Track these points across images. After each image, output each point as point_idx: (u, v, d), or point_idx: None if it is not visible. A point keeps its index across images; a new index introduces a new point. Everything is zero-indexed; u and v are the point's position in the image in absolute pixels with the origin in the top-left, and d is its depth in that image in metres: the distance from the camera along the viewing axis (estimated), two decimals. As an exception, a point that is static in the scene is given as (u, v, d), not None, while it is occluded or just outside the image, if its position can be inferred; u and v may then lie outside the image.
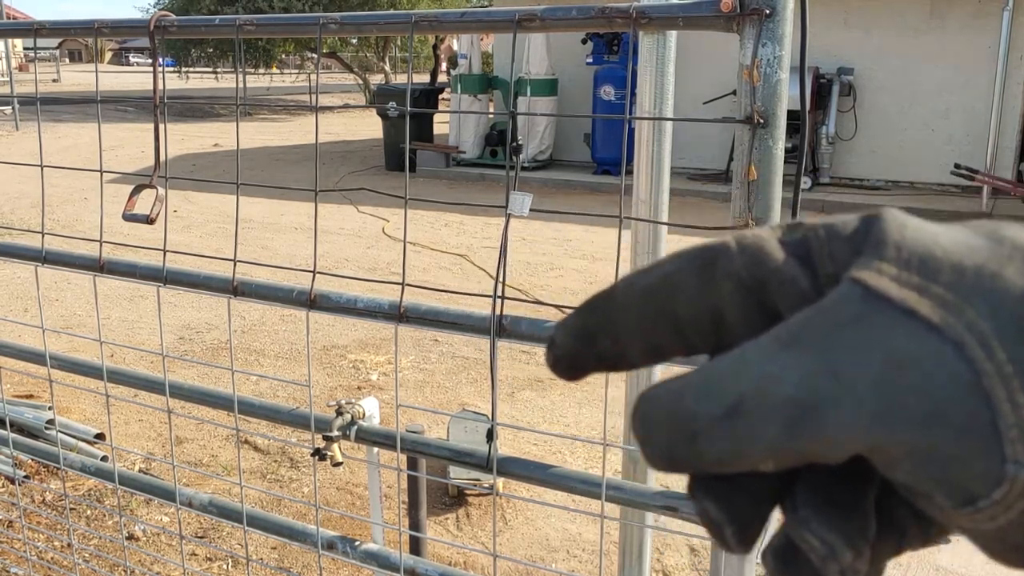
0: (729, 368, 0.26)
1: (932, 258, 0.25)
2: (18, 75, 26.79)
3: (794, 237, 0.28)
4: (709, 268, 0.28)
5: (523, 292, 6.39)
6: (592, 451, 3.89)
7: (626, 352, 0.30)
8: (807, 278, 0.27)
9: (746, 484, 0.28)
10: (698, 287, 0.28)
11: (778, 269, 0.27)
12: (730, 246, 0.28)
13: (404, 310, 1.25)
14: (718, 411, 0.25)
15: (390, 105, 11.48)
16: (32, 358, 1.75)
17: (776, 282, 0.27)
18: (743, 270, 0.28)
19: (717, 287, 0.28)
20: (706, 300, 0.28)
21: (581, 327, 0.30)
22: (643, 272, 0.30)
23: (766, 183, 1.01)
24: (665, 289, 0.29)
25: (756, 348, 0.26)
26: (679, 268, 0.29)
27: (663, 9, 1.05)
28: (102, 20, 1.44)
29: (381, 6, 21.98)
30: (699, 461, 0.26)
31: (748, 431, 0.25)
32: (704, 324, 0.29)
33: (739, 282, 0.28)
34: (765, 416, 0.25)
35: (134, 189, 1.41)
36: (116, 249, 1.54)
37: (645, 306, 0.29)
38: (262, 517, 1.57)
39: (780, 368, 0.25)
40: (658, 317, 0.29)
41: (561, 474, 1.25)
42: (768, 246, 0.28)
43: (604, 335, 0.30)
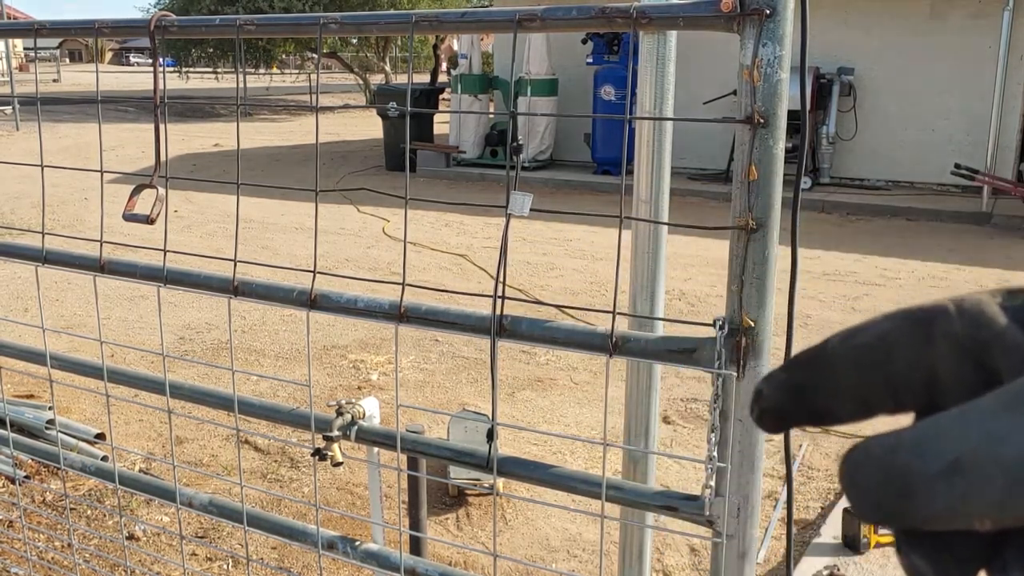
0: (950, 427, 0.26)
1: None
2: (18, 75, 26.79)
3: (1015, 303, 0.28)
4: (927, 328, 0.29)
5: (523, 292, 6.39)
6: (592, 451, 3.89)
7: (835, 408, 0.31)
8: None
9: (956, 542, 0.28)
10: (915, 347, 0.29)
11: (1002, 334, 0.28)
12: (949, 308, 0.29)
13: (404, 310, 1.25)
14: (936, 468, 0.26)
15: (390, 105, 11.48)
16: (32, 358, 1.75)
17: (998, 346, 0.28)
18: (962, 332, 0.28)
19: (935, 348, 0.28)
20: (922, 360, 0.29)
21: (791, 382, 0.31)
22: (856, 330, 0.30)
23: (766, 183, 1.01)
24: (881, 347, 0.29)
25: (978, 409, 0.26)
26: (895, 327, 0.29)
27: (663, 9, 1.05)
28: (102, 20, 1.44)
29: (381, 6, 21.98)
30: (913, 517, 0.26)
31: (968, 490, 0.25)
32: (917, 384, 0.29)
33: (958, 344, 0.28)
34: (988, 475, 0.25)
35: (134, 189, 1.41)
36: (116, 249, 1.54)
37: (859, 364, 0.30)
38: (262, 517, 1.57)
39: (1005, 429, 0.25)
40: (872, 375, 0.29)
41: (561, 474, 1.25)
42: (989, 310, 0.28)
43: (815, 391, 0.30)
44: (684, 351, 1.10)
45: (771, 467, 3.60)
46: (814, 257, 7.50)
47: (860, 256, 7.73)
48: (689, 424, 4.27)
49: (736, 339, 1.06)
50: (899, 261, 7.56)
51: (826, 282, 6.82)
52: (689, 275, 6.92)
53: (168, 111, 1.58)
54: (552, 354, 5.09)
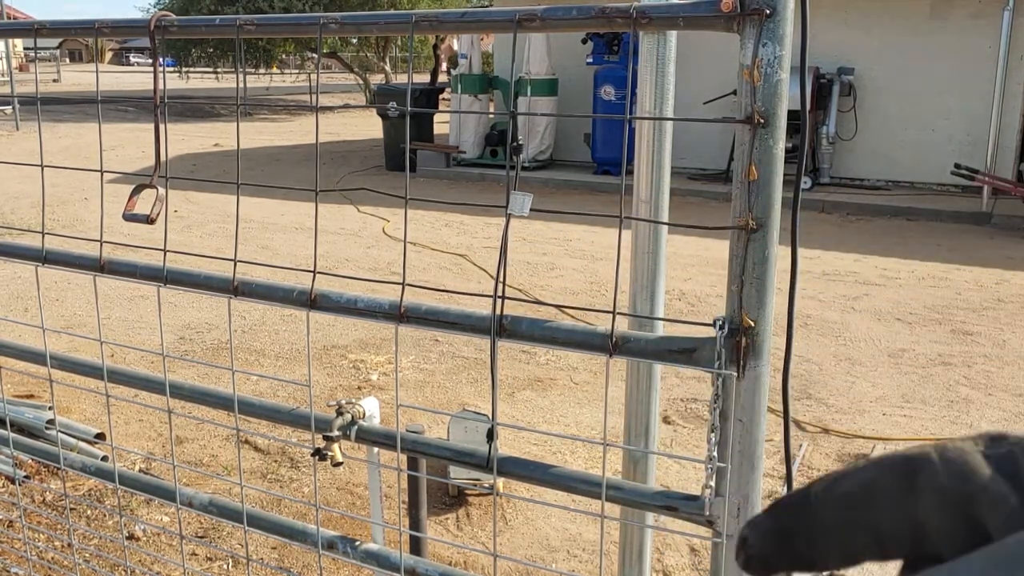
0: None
1: None
2: (18, 75, 26.79)
3: (998, 452, 0.28)
4: (911, 479, 0.28)
5: (523, 292, 6.39)
6: (592, 451, 3.89)
7: (821, 555, 0.30)
8: (1017, 497, 0.27)
9: None
10: (900, 498, 0.29)
11: (985, 487, 0.28)
12: (932, 458, 0.28)
13: (404, 310, 1.25)
14: None
15: (390, 105, 11.48)
16: (32, 358, 1.75)
17: (984, 499, 0.27)
18: (948, 484, 0.28)
19: (919, 499, 0.28)
20: (908, 511, 0.29)
21: (775, 529, 0.31)
22: (840, 476, 0.30)
23: (766, 183, 1.01)
24: (865, 497, 0.29)
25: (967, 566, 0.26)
26: (879, 476, 0.29)
27: (663, 9, 1.05)
28: (102, 20, 1.44)
29: (381, 6, 21.98)
30: None
31: None
32: (903, 533, 0.29)
33: (944, 496, 0.28)
34: None
35: (134, 189, 1.41)
36: (116, 249, 1.54)
37: (844, 513, 0.30)
38: (262, 517, 1.57)
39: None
40: (857, 524, 0.29)
41: (561, 474, 1.25)
42: (972, 460, 0.28)
43: (800, 538, 0.30)
44: (684, 351, 1.10)
45: (771, 467, 3.60)
46: (814, 257, 7.50)
47: (860, 256, 7.73)
48: (689, 424, 4.27)
49: (736, 339, 1.06)
50: (899, 261, 7.56)
51: (826, 282, 6.82)
52: (689, 275, 6.92)
53: (168, 111, 1.58)
54: (552, 354, 5.09)
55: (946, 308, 6.15)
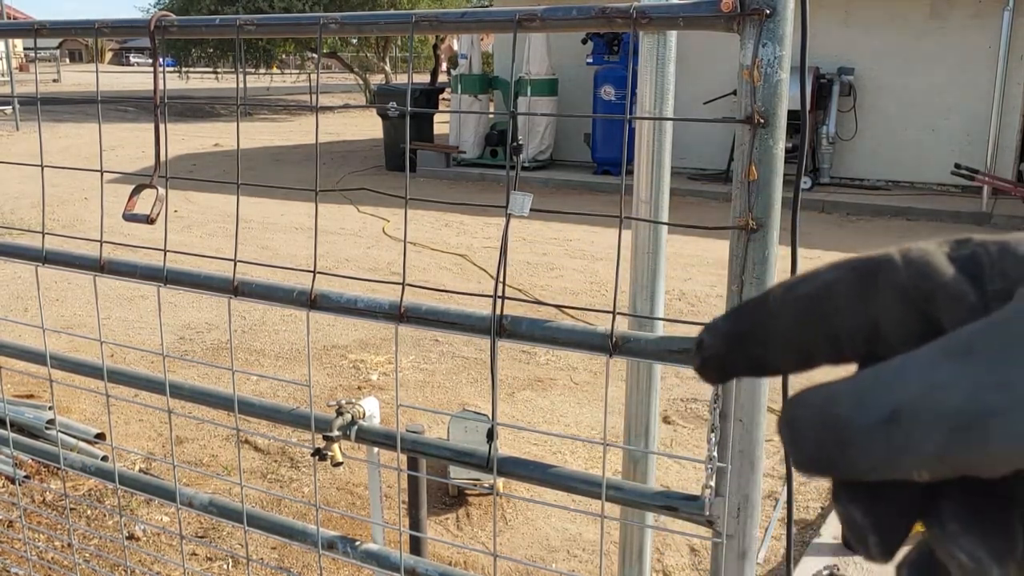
0: (889, 376, 0.26)
1: None
2: (18, 75, 26.79)
3: (962, 253, 0.28)
4: (871, 278, 0.28)
5: (523, 292, 6.39)
6: (592, 451, 3.89)
7: (776, 358, 0.30)
8: (975, 293, 0.27)
9: (893, 494, 0.28)
10: (858, 297, 0.28)
11: (946, 283, 0.27)
12: (895, 258, 0.28)
13: (404, 310, 1.25)
14: (875, 418, 0.25)
15: (390, 105, 11.48)
16: (32, 358, 1.75)
17: (944, 296, 0.27)
18: (908, 282, 0.28)
19: (878, 298, 0.28)
20: (865, 310, 0.28)
21: (732, 331, 0.31)
22: (800, 280, 0.30)
23: (766, 183, 1.01)
24: (823, 297, 0.29)
25: (919, 358, 0.26)
26: (839, 278, 0.29)
27: (663, 9, 1.05)
28: (102, 20, 1.44)
29: (381, 6, 21.98)
30: (851, 468, 0.26)
31: (907, 440, 0.25)
32: (860, 334, 0.29)
33: (903, 294, 0.28)
34: (928, 425, 0.25)
35: (134, 189, 1.41)
36: (116, 249, 1.54)
37: (801, 313, 0.29)
38: (262, 517, 1.57)
39: (948, 378, 0.25)
40: (814, 325, 0.29)
41: (561, 474, 1.25)
42: (935, 260, 0.28)
43: (756, 340, 0.30)
44: (684, 351, 1.10)
45: (771, 467, 3.60)
46: (814, 257, 7.50)
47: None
48: (689, 424, 4.27)
49: (736, 339, 1.06)
50: (899, 261, 7.55)
51: (826, 282, 6.81)
52: (689, 275, 6.92)
53: (168, 111, 1.58)
54: (552, 354, 5.09)
55: (946, 308, 6.15)
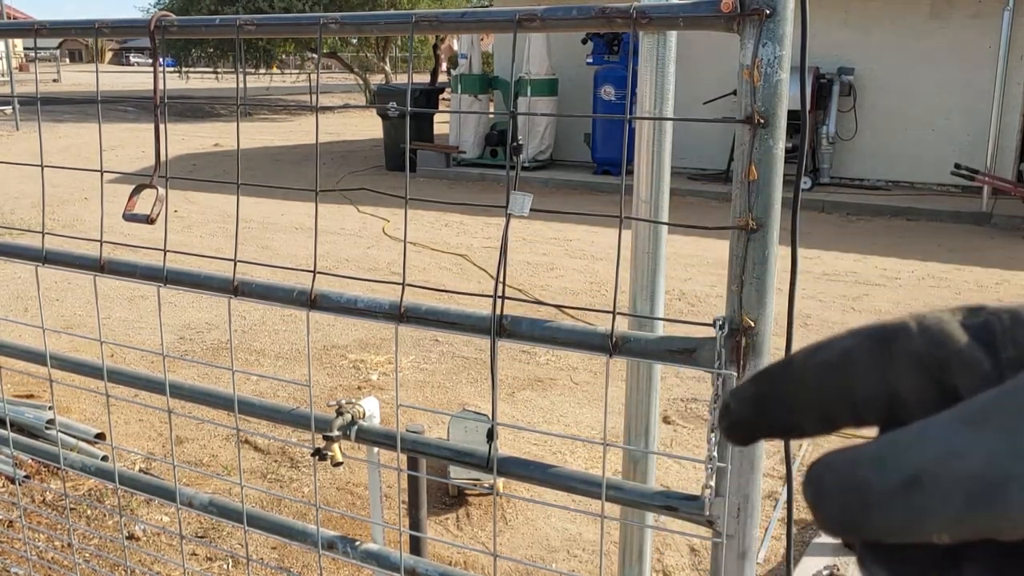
0: (909, 441, 0.27)
1: None
2: (18, 75, 26.80)
3: (976, 321, 0.29)
4: (887, 346, 0.29)
5: (523, 292, 6.39)
6: (592, 451, 3.89)
7: (800, 422, 0.31)
8: (989, 361, 0.28)
9: (915, 555, 0.28)
10: (875, 364, 0.29)
11: (960, 351, 0.28)
12: (910, 326, 0.29)
13: (404, 310, 1.25)
14: (896, 482, 0.26)
15: (390, 105, 11.48)
16: (32, 358, 1.75)
17: (958, 364, 0.28)
18: (923, 350, 0.28)
19: (895, 365, 0.29)
20: (883, 377, 0.29)
21: (757, 396, 0.32)
22: (821, 346, 0.31)
23: (766, 183, 1.01)
24: (843, 364, 0.30)
25: (938, 424, 0.27)
26: (857, 345, 0.30)
27: (663, 9, 1.05)
28: (102, 20, 1.44)
29: (381, 6, 21.98)
30: (871, 530, 0.27)
31: (927, 504, 0.26)
32: (879, 400, 0.29)
33: (918, 361, 0.29)
34: (947, 490, 0.25)
35: (134, 189, 1.41)
36: (116, 249, 1.54)
37: (822, 380, 0.30)
38: (262, 517, 1.57)
39: (964, 445, 0.26)
40: (834, 391, 0.30)
41: (561, 474, 1.25)
42: (949, 328, 0.29)
43: (780, 405, 0.31)
44: (684, 351, 1.10)
45: (771, 467, 3.60)
46: (814, 257, 7.50)
47: (860, 256, 7.73)
48: (689, 424, 4.27)
49: (736, 339, 1.06)
50: (899, 261, 7.56)
51: (826, 282, 6.82)
52: (689, 275, 6.92)
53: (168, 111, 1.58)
54: (552, 354, 5.09)
55: (946, 308, 6.15)
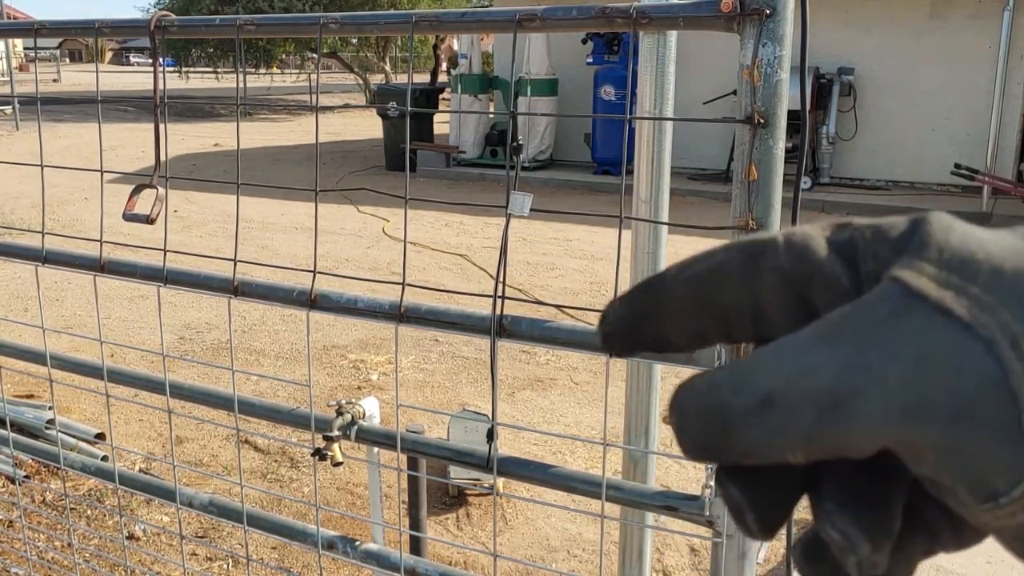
0: (765, 361, 0.27)
1: (973, 260, 0.26)
2: (18, 75, 26.80)
3: (841, 237, 0.29)
4: (754, 260, 0.29)
5: (523, 292, 6.39)
6: (592, 451, 3.89)
7: (672, 335, 0.31)
8: (849, 276, 0.28)
9: (772, 475, 0.28)
10: (742, 278, 0.29)
11: (821, 266, 0.28)
12: (777, 241, 0.29)
13: (404, 310, 1.25)
14: (752, 402, 0.26)
15: (390, 105, 11.49)
16: (32, 358, 1.75)
17: (819, 279, 0.28)
18: (787, 265, 0.28)
19: (760, 280, 0.29)
20: (749, 291, 0.29)
21: (631, 308, 0.32)
22: (694, 260, 0.31)
23: (766, 183, 1.01)
24: (712, 278, 0.30)
25: (794, 342, 0.27)
26: (727, 259, 0.30)
27: (663, 9, 1.05)
28: (102, 20, 1.44)
29: (381, 6, 21.98)
30: (731, 451, 0.27)
31: (780, 422, 0.26)
32: (745, 315, 0.29)
33: (782, 276, 0.29)
34: (798, 408, 0.25)
35: (134, 189, 1.41)
36: (116, 249, 1.54)
37: (692, 292, 0.30)
38: (262, 517, 1.57)
39: (817, 361, 0.26)
40: (703, 304, 0.30)
41: (561, 474, 1.25)
42: (814, 244, 0.28)
43: (652, 317, 0.31)
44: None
45: (771, 467, 3.59)
46: (814, 257, 7.49)
47: (860, 256, 7.73)
48: (689, 424, 4.27)
49: (736, 339, 1.05)
50: (899, 261, 7.55)
51: (826, 282, 6.81)
52: (689, 275, 6.92)
53: (168, 111, 1.58)
54: (552, 354, 5.09)
55: (946, 308, 6.15)
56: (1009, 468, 0.24)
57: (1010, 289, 0.25)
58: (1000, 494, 0.24)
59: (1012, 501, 0.24)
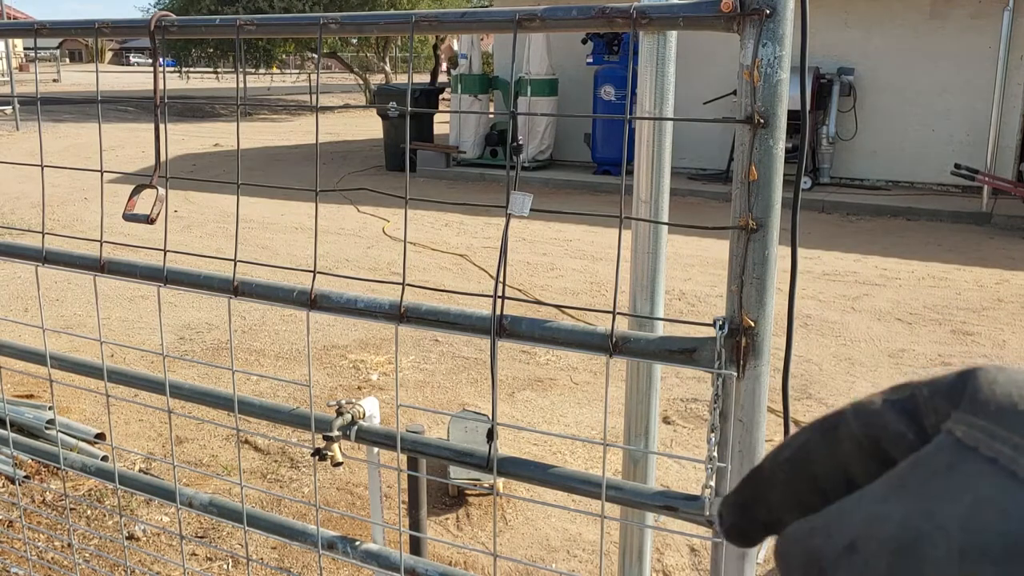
0: (849, 510, 0.31)
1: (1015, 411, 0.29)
2: (18, 75, 26.79)
3: (902, 396, 0.33)
4: (832, 434, 0.34)
5: (523, 292, 6.39)
6: (592, 451, 3.89)
7: (780, 517, 0.35)
8: (913, 431, 0.32)
9: None
10: (826, 451, 0.34)
11: (887, 427, 0.32)
12: (846, 412, 0.34)
13: (404, 310, 1.25)
14: (839, 548, 0.30)
15: (390, 105, 11.48)
16: (32, 358, 1.75)
17: (887, 438, 0.32)
18: (859, 431, 0.33)
19: (841, 449, 0.33)
20: (834, 462, 0.33)
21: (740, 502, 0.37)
22: (783, 447, 0.36)
23: (766, 183, 1.01)
24: (801, 457, 0.35)
25: (870, 492, 0.31)
26: (810, 439, 0.34)
27: (663, 9, 1.05)
28: (102, 20, 1.44)
29: (381, 6, 21.99)
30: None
31: (862, 565, 0.29)
32: (839, 481, 0.34)
33: (858, 442, 0.33)
34: (875, 551, 0.29)
35: (134, 189, 1.41)
36: (116, 249, 1.54)
37: (789, 476, 0.35)
38: (262, 517, 1.57)
39: (886, 510, 0.29)
40: (800, 482, 0.34)
41: (561, 474, 1.25)
42: (876, 407, 0.33)
43: (760, 505, 0.36)
44: (684, 351, 1.10)
45: (771, 467, 3.58)
46: (814, 257, 7.50)
47: (860, 256, 7.73)
48: (689, 424, 4.27)
49: (736, 339, 1.06)
50: (899, 261, 7.56)
51: (826, 282, 6.82)
52: (689, 275, 6.92)
53: (168, 111, 1.58)
54: (552, 354, 5.09)
55: (946, 308, 6.15)
56: None
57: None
58: None
59: None
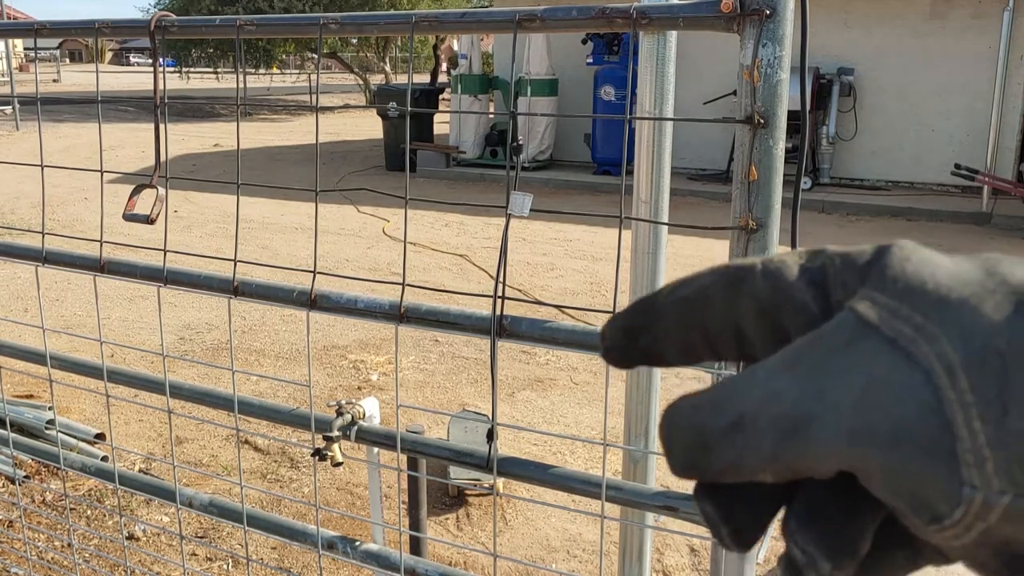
0: (738, 386, 0.29)
1: (922, 290, 0.27)
2: (18, 75, 26.80)
3: (813, 264, 0.30)
4: (735, 286, 0.31)
5: (523, 292, 6.39)
6: (592, 451, 3.89)
7: (664, 351, 0.33)
8: (818, 305, 0.29)
9: (747, 493, 0.30)
10: (724, 303, 0.31)
11: (792, 293, 0.30)
12: (756, 267, 0.31)
13: (404, 310, 1.25)
14: (724, 425, 0.28)
15: (390, 105, 11.49)
16: (32, 358, 1.75)
17: (789, 307, 0.30)
18: (763, 292, 0.30)
19: (740, 305, 0.31)
20: (730, 316, 0.31)
21: (627, 326, 0.34)
22: (682, 282, 0.33)
23: (766, 183, 1.01)
24: (698, 301, 0.32)
25: (763, 368, 0.28)
26: (711, 283, 0.32)
27: (663, 9, 1.05)
28: (102, 20, 1.44)
29: (381, 6, 21.99)
30: (708, 470, 0.29)
31: (746, 444, 0.28)
32: (729, 337, 0.31)
33: (758, 303, 0.30)
34: (761, 431, 0.27)
35: (134, 189, 1.41)
36: (116, 249, 1.54)
37: (679, 314, 0.32)
38: (262, 517, 1.57)
39: (780, 387, 0.27)
40: (690, 325, 0.32)
41: (561, 474, 1.25)
42: (788, 272, 0.30)
43: (646, 334, 0.33)
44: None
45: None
46: (814, 257, 7.49)
47: (860, 256, 7.72)
48: (689, 424, 4.27)
49: (736, 339, 1.06)
50: (899, 261, 7.55)
51: (826, 282, 6.81)
52: (689, 275, 6.92)
53: (168, 111, 1.58)
54: (552, 354, 5.09)
55: (946, 308, 6.15)
56: (947, 492, 0.25)
57: (952, 319, 0.26)
58: (942, 517, 0.26)
59: (954, 524, 0.26)
